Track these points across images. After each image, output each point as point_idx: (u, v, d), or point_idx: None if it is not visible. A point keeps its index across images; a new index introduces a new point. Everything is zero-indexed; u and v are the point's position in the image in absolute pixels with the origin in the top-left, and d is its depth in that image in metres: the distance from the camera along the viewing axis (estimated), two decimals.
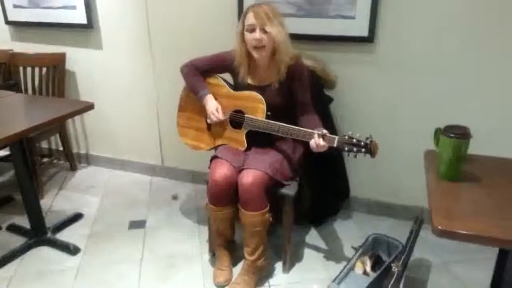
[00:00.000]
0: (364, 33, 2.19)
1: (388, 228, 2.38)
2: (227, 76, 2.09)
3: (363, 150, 1.63)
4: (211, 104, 1.98)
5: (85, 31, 2.81)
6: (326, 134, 1.69)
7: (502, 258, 1.58)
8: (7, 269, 2.10)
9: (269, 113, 1.89)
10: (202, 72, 2.06)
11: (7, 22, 2.99)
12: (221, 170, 1.85)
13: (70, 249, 2.22)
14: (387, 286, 1.51)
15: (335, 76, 2.26)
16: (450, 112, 2.16)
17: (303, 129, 1.77)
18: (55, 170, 3.18)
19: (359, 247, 2.03)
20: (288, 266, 2.10)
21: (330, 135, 1.69)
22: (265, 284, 2.01)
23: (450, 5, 2.04)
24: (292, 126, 1.79)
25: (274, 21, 1.78)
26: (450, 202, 1.31)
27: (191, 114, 2.15)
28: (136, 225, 2.49)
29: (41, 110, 2.13)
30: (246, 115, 1.93)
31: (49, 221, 2.40)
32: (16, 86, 2.84)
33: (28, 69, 2.92)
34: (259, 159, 1.88)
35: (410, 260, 1.80)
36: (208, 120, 2.02)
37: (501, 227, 1.14)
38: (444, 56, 2.13)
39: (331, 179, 2.42)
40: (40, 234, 2.30)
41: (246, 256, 1.95)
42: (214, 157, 1.95)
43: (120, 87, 2.91)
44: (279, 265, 2.13)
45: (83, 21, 2.76)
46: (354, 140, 1.64)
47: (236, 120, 1.99)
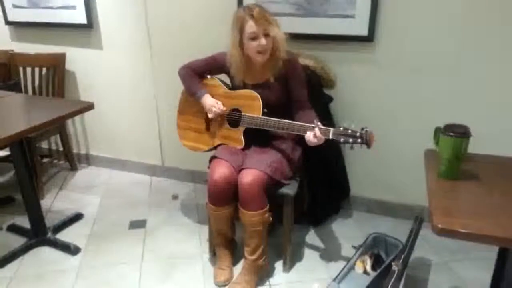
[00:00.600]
0: (364, 33, 2.19)
1: (388, 227, 2.38)
2: (225, 77, 2.09)
3: (359, 141, 1.62)
4: (210, 101, 1.99)
5: (85, 31, 2.81)
6: (321, 126, 1.69)
7: (502, 257, 1.58)
8: (8, 269, 2.10)
9: (265, 110, 1.90)
10: (199, 74, 2.08)
11: (7, 22, 2.99)
12: (221, 170, 1.85)
13: (71, 249, 2.23)
14: (387, 285, 1.51)
15: (335, 76, 2.26)
16: (450, 111, 2.16)
17: (299, 123, 1.78)
18: (55, 170, 3.18)
19: (359, 246, 2.03)
20: (289, 266, 2.10)
21: (325, 127, 1.69)
22: (266, 284, 2.01)
23: (450, 5, 2.04)
24: (288, 121, 1.80)
25: (272, 22, 1.81)
26: (450, 201, 1.30)
27: (190, 117, 2.16)
28: (137, 225, 2.49)
29: (41, 110, 2.13)
30: (243, 113, 1.94)
31: (50, 221, 2.40)
32: (16, 86, 2.84)
33: (28, 69, 2.93)
34: (259, 159, 1.88)
35: (411, 259, 1.80)
36: (209, 115, 2.01)
37: (501, 226, 1.14)
38: (444, 56, 2.13)
39: (331, 179, 2.42)
40: (41, 234, 2.30)
41: (247, 256, 1.95)
42: (214, 157, 1.95)
43: (120, 87, 2.91)
44: (280, 265, 2.13)
45: (83, 21, 2.76)
46: (349, 131, 1.63)
47: (234, 119, 2.00)
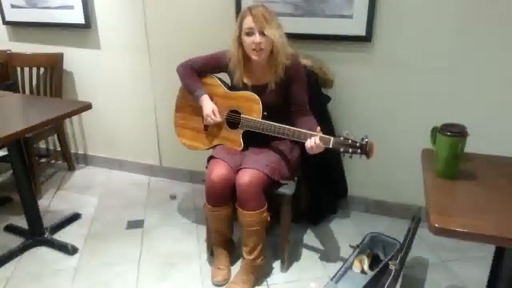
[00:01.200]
0: (362, 32, 2.20)
1: (386, 227, 2.38)
2: (224, 76, 2.09)
3: (359, 151, 1.62)
4: (207, 106, 1.98)
5: (83, 31, 2.81)
6: (322, 135, 1.69)
7: (499, 256, 1.58)
8: (5, 270, 2.10)
9: (265, 113, 1.89)
10: (198, 72, 2.06)
11: (5, 22, 2.98)
12: (218, 170, 1.85)
13: (68, 249, 2.22)
14: (384, 285, 1.51)
15: (333, 75, 2.26)
16: (448, 111, 2.17)
17: (299, 130, 1.77)
18: (53, 171, 3.17)
19: (357, 246, 2.04)
20: (286, 265, 2.10)
21: (326, 136, 1.68)
22: (263, 283, 2.01)
23: (447, 5, 2.05)
24: (288, 127, 1.79)
25: (272, 24, 1.78)
26: (447, 200, 1.31)
27: (188, 114, 2.15)
28: (134, 225, 2.49)
29: (39, 110, 2.13)
30: (243, 116, 1.93)
31: (47, 221, 2.40)
32: (14, 86, 2.84)
33: (26, 69, 2.92)
34: (257, 159, 1.88)
35: (408, 259, 1.80)
36: (205, 122, 2.02)
37: (498, 225, 1.14)
38: (441, 55, 2.14)
39: (329, 178, 2.43)
40: (38, 234, 2.30)
41: (245, 255, 1.95)
42: (211, 157, 1.95)
43: (118, 87, 2.91)
44: (277, 264, 2.13)
45: (81, 21, 2.76)
46: (350, 141, 1.63)
47: (233, 120, 1.99)
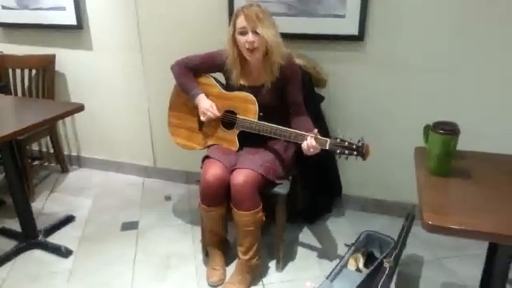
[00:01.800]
0: (355, 32, 2.20)
1: (381, 225, 2.39)
2: (219, 76, 2.08)
3: (355, 153, 1.64)
4: (205, 102, 1.97)
5: (75, 32, 2.79)
6: (318, 137, 1.69)
7: (492, 253, 1.59)
8: None
9: (261, 114, 1.89)
10: (194, 71, 2.05)
11: None
12: (213, 170, 1.84)
13: (62, 252, 2.21)
14: (379, 282, 1.52)
15: (326, 75, 2.27)
16: (441, 109, 2.18)
17: (295, 131, 1.77)
18: (46, 173, 3.15)
19: (352, 244, 2.04)
20: (282, 265, 2.10)
21: (322, 138, 1.69)
22: (259, 283, 2.02)
23: (439, 4, 2.06)
24: (284, 128, 1.79)
25: (265, 23, 1.78)
26: (440, 198, 1.32)
27: (182, 114, 2.15)
28: (129, 226, 2.48)
29: (31, 112, 2.11)
30: (238, 116, 1.93)
31: (41, 224, 2.38)
32: (6, 88, 2.82)
33: (18, 71, 2.90)
34: (251, 159, 1.88)
35: (403, 256, 1.81)
36: (202, 118, 1.98)
37: (491, 222, 1.15)
38: (434, 54, 2.15)
39: (324, 178, 2.44)
40: (32, 237, 2.28)
41: (240, 256, 1.95)
42: (206, 157, 1.95)
43: (111, 88, 2.90)
44: (273, 264, 2.13)
45: (73, 22, 2.74)
46: (346, 143, 1.64)
47: (228, 121, 1.99)
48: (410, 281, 2.03)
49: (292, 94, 1.93)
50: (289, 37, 2.13)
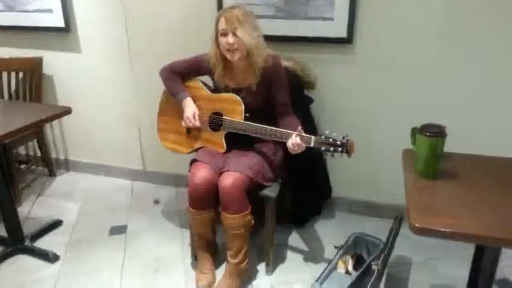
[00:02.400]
0: (343, 34, 2.21)
1: (371, 227, 2.39)
2: (207, 79, 2.08)
3: (340, 150, 1.64)
4: (189, 109, 1.98)
5: (63, 35, 2.76)
6: (303, 134, 1.70)
7: (479, 254, 1.60)
8: None
9: (248, 115, 1.89)
10: (181, 75, 2.06)
11: None
12: (201, 173, 1.84)
13: (49, 257, 2.18)
14: (368, 285, 1.52)
15: (315, 77, 2.28)
16: (428, 111, 2.19)
17: (280, 130, 1.78)
18: (33, 177, 3.11)
19: (341, 247, 2.04)
20: (271, 268, 2.10)
21: (307, 135, 1.70)
22: (249, 286, 2.01)
23: (427, 6, 2.08)
24: (269, 127, 1.80)
25: (245, 25, 1.78)
26: (427, 200, 1.32)
27: (171, 118, 2.14)
28: (117, 231, 2.45)
29: (18, 115, 2.08)
30: (225, 117, 1.93)
31: (27, 229, 2.34)
32: None
33: (4, 74, 2.86)
34: (240, 161, 1.87)
35: (391, 258, 1.82)
36: (183, 124, 2.01)
37: (478, 224, 1.16)
38: (421, 56, 2.17)
39: (313, 180, 2.43)
40: (18, 242, 2.24)
41: (229, 259, 1.94)
42: (194, 160, 1.94)
43: (99, 91, 2.87)
44: (262, 267, 2.12)
45: (60, 25, 2.71)
46: (331, 140, 1.65)
47: (215, 122, 1.98)
48: (399, 283, 2.03)
49: (279, 95, 1.94)
50: (278, 40, 2.14)
